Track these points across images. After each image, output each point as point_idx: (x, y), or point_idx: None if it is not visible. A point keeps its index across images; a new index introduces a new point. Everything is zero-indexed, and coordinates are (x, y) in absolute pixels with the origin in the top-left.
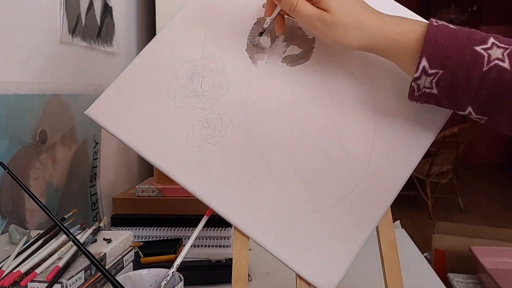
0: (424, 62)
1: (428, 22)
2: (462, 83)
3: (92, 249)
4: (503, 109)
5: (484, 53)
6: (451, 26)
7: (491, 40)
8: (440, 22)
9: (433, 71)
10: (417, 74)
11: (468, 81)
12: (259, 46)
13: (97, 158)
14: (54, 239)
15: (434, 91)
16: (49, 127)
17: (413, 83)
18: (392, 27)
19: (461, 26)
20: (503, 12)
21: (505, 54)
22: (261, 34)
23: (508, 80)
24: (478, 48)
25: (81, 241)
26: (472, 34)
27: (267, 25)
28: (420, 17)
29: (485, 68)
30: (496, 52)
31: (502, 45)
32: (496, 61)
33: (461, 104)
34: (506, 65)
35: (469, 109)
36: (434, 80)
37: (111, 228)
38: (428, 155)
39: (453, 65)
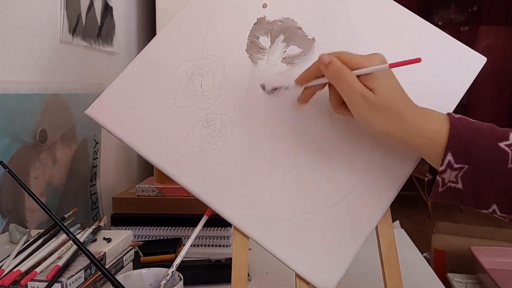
0: (449, 157)
1: (446, 114)
2: (488, 179)
3: (92, 248)
4: None
5: (508, 150)
6: (469, 119)
7: None
8: (458, 115)
9: (458, 165)
10: (443, 168)
11: (493, 177)
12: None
13: (97, 158)
14: (54, 238)
15: (459, 185)
16: (49, 127)
17: (438, 177)
18: (425, 124)
19: (477, 121)
20: (503, 12)
21: None
22: (274, 90)
23: None
24: (501, 144)
25: (81, 240)
26: (494, 129)
27: (289, 87)
28: (420, 17)
29: (510, 166)
30: None
31: None
32: None
33: (486, 201)
34: None
35: (494, 206)
36: (459, 174)
37: (111, 227)
38: None
39: (478, 160)
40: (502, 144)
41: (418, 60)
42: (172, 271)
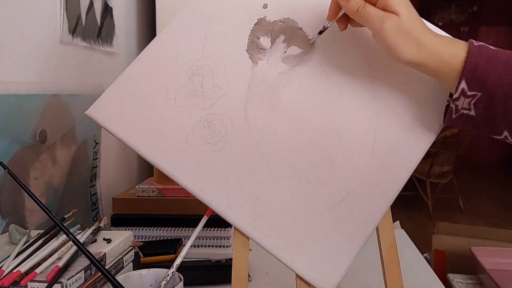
0: (463, 84)
1: (468, 42)
2: (500, 106)
3: (92, 249)
4: None
5: None
6: (491, 47)
7: None
8: (480, 43)
9: (472, 93)
10: (457, 95)
11: (506, 104)
12: (311, 43)
13: (97, 158)
14: (54, 239)
15: (472, 112)
16: (49, 127)
17: (451, 104)
18: (445, 48)
19: (501, 49)
20: (503, 12)
21: None
22: (321, 32)
23: None
24: None
25: (81, 241)
26: None
27: (329, 25)
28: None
29: None
30: None
31: None
32: None
33: (498, 127)
34: None
35: (505, 133)
36: (472, 102)
37: (111, 228)
38: (429, 156)
39: (492, 88)
40: None
41: None
42: (172, 272)
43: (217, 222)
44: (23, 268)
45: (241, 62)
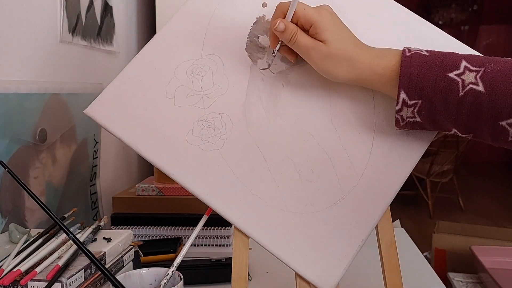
0: (403, 95)
1: (401, 51)
2: (442, 110)
3: (92, 248)
4: (483, 128)
5: (458, 79)
6: (423, 52)
7: (463, 63)
8: (413, 50)
9: (412, 102)
10: (399, 107)
11: (447, 107)
12: (269, 63)
13: (97, 157)
14: (54, 238)
15: (418, 119)
16: (49, 126)
17: (396, 114)
18: (378, 61)
19: (434, 51)
20: (503, 11)
21: (478, 77)
22: (274, 56)
23: (484, 102)
24: (451, 75)
25: (81, 240)
26: (445, 59)
27: (274, 53)
28: (420, 16)
29: (461, 94)
30: (469, 77)
31: (474, 68)
32: (471, 85)
33: (445, 127)
34: (480, 88)
35: (454, 130)
36: (415, 110)
37: (111, 227)
38: (429, 155)
39: (430, 94)
40: (452, 75)
41: None
42: (172, 271)
43: (217, 221)
44: (23, 267)
45: (241, 61)
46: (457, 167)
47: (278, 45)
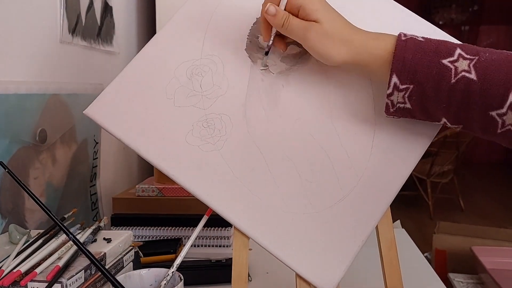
0: (394, 79)
1: (396, 36)
2: (433, 96)
3: (92, 248)
4: (473, 118)
5: (451, 66)
6: (419, 38)
7: (458, 51)
8: (409, 35)
9: (404, 86)
10: (390, 90)
11: (438, 93)
12: (265, 63)
13: (97, 158)
14: (54, 239)
15: (408, 105)
16: (49, 127)
17: (387, 99)
18: (374, 42)
19: (430, 38)
20: (503, 11)
21: (471, 65)
22: (266, 53)
23: (476, 90)
24: (445, 61)
25: (81, 240)
26: (440, 46)
27: (268, 48)
28: (420, 17)
29: (453, 81)
30: (463, 64)
31: (468, 56)
32: (463, 73)
33: (435, 115)
34: (472, 76)
35: (444, 119)
36: (406, 95)
37: (111, 227)
38: (429, 155)
39: (422, 79)
40: (445, 61)
41: None
42: (173, 272)
43: (217, 221)
44: (23, 268)
45: (240, 61)
46: (457, 167)
47: (272, 35)
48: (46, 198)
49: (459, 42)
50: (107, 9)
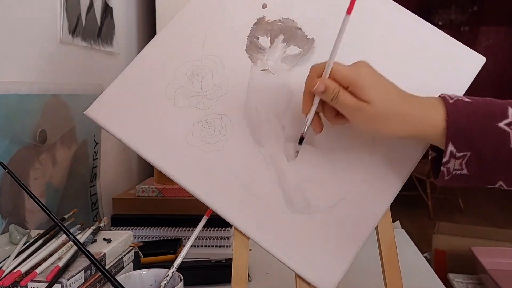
0: (451, 147)
1: (441, 99)
2: (491, 162)
3: (92, 249)
4: None
5: (508, 130)
6: (466, 99)
7: (511, 111)
8: (453, 96)
9: (461, 153)
10: (446, 159)
11: (497, 159)
12: (296, 153)
13: (97, 158)
14: (54, 239)
15: (465, 171)
16: (49, 127)
17: (443, 167)
18: (429, 113)
19: (475, 97)
20: (503, 12)
21: None
22: (301, 141)
23: None
24: (501, 125)
25: (81, 241)
26: (492, 108)
27: (306, 129)
28: (420, 17)
29: (511, 145)
30: None
31: None
32: None
33: (492, 179)
34: None
35: (500, 182)
36: (463, 162)
37: (111, 228)
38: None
39: (479, 146)
40: (501, 124)
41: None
42: (172, 272)
43: (217, 222)
44: (23, 268)
45: (241, 62)
46: None
47: (314, 109)
48: (46, 198)
49: (507, 100)
50: (107, 10)
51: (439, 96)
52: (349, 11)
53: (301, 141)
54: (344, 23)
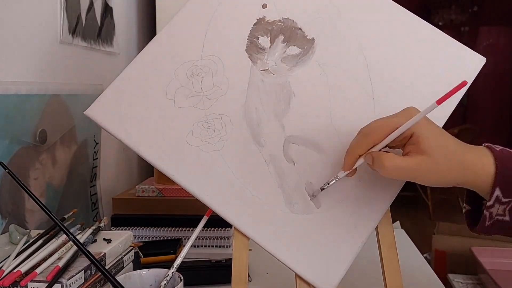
0: (497, 192)
1: (486, 147)
2: None
3: (92, 249)
4: None
5: None
6: (508, 149)
7: None
8: (497, 147)
9: (507, 199)
10: (491, 203)
11: None
12: (314, 194)
13: (97, 158)
14: (54, 239)
15: (507, 218)
16: (49, 127)
17: (485, 211)
18: (481, 161)
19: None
20: (503, 12)
21: None
22: (322, 189)
23: None
24: None
25: (81, 241)
26: None
27: (334, 182)
28: (420, 17)
29: None
30: None
31: None
32: None
33: None
34: None
35: None
36: (507, 208)
37: (111, 228)
38: None
39: None
40: None
41: (464, 84)
42: (172, 272)
43: (217, 222)
44: (23, 268)
45: (241, 62)
46: None
47: (356, 166)
48: (46, 198)
49: None
50: (107, 10)
51: (484, 145)
52: (439, 102)
53: (322, 189)
54: (427, 109)
